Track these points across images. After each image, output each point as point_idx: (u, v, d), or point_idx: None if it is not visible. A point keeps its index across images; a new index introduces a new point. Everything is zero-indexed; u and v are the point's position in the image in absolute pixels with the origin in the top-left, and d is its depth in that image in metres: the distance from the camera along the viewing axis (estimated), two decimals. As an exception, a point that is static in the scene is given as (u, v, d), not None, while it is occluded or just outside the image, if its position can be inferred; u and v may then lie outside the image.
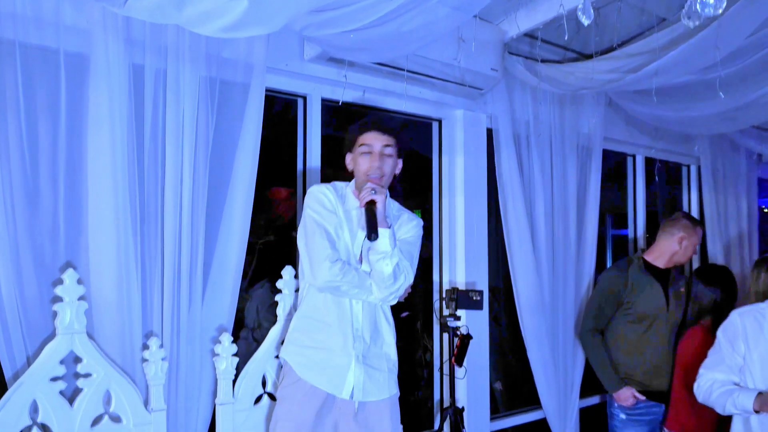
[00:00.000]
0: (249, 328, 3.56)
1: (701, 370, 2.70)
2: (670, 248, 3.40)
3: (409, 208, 2.46)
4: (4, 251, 1.94)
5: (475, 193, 3.35)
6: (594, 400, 3.91)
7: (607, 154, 4.03)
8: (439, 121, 3.39)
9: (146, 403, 2.10)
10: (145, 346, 2.13)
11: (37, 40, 2.07)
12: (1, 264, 1.94)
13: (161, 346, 2.14)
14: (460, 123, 3.35)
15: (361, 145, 2.27)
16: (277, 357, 2.38)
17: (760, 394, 2.41)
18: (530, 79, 3.31)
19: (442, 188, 3.36)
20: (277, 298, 2.42)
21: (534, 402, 3.63)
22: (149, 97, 2.25)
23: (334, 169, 2.67)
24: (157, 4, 1.80)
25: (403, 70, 2.89)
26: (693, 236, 3.44)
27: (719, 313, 3.08)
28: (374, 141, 2.26)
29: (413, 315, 4.02)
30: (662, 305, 3.29)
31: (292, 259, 2.61)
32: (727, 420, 2.98)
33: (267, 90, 2.58)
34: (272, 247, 3.76)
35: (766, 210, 6.66)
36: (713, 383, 2.60)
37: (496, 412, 3.62)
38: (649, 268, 3.38)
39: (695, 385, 2.70)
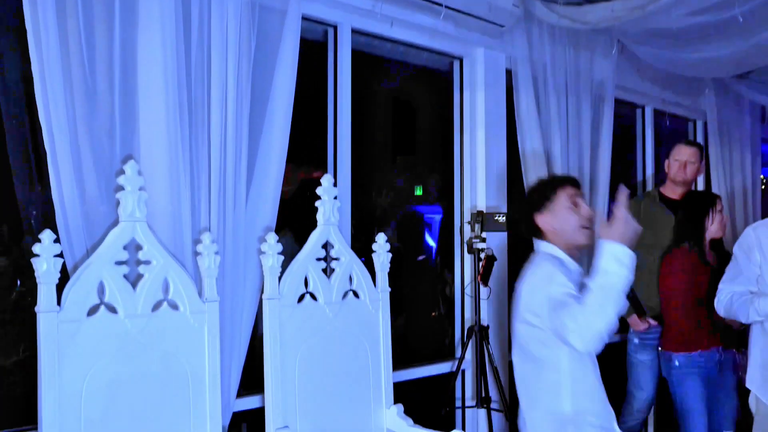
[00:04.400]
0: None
1: (720, 285, 2.84)
2: (668, 173, 3.56)
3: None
4: (64, 149, 2.04)
5: (495, 127, 3.50)
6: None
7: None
8: (461, 60, 3.52)
9: (200, 294, 2.23)
10: (197, 241, 2.25)
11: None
12: (62, 161, 2.04)
13: (213, 240, 2.26)
14: (480, 61, 3.49)
15: (569, 197, 2.22)
16: (322, 259, 2.54)
17: None
18: (549, 16, 3.44)
19: (463, 122, 3.50)
20: (317, 204, 2.54)
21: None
22: (195, 11, 2.36)
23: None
24: None
25: (430, 1, 3.02)
26: (674, 153, 3.59)
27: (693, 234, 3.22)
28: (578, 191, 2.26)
29: (427, 256, 4.15)
30: (670, 234, 3.41)
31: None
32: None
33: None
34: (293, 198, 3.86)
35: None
36: (732, 295, 2.74)
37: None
38: (664, 200, 3.52)
39: (715, 300, 2.85)
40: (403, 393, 3.03)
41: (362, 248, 2.85)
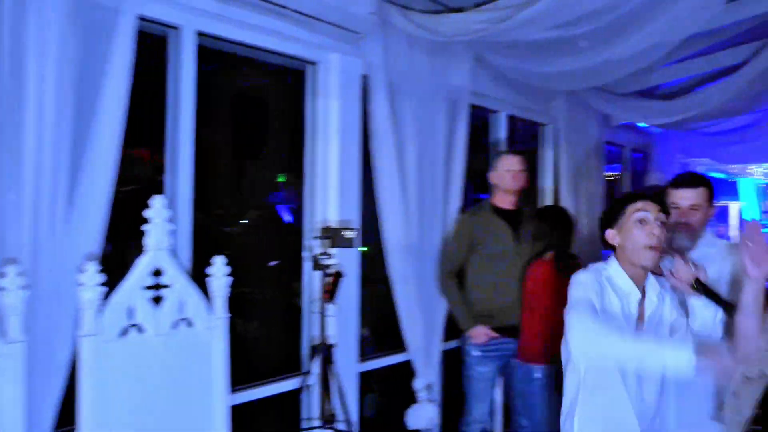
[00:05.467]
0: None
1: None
2: (498, 184, 3.65)
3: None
4: None
5: (349, 137, 3.40)
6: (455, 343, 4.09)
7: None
8: (314, 64, 3.39)
9: (3, 333, 1.98)
10: (1, 274, 2.00)
11: None
12: None
13: (20, 273, 2.02)
14: (336, 67, 3.37)
15: (637, 213, 2.12)
16: (153, 287, 2.35)
17: None
18: (406, 25, 3.38)
19: (316, 131, 3.38)
20: (146, 227, 2.35)
21: (400, 345, 3.75)
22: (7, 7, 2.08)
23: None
24: None
25: (282, 6, 2.88)
26: (503, 164, 3.68)
27: (557, 247, 3.38)
28: (651, 208, 2.14)
29: (282, 262, 4.05)
30: (511, 244, 3.53)
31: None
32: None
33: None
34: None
35: (611, 176, 7.21)
36: None
37: (363, 355, 3.72)
38: (499, 211, 3.62)
39: None
40: (249, 409, 2.94)
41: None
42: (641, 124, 6.60)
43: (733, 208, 10.89)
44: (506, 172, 3.64)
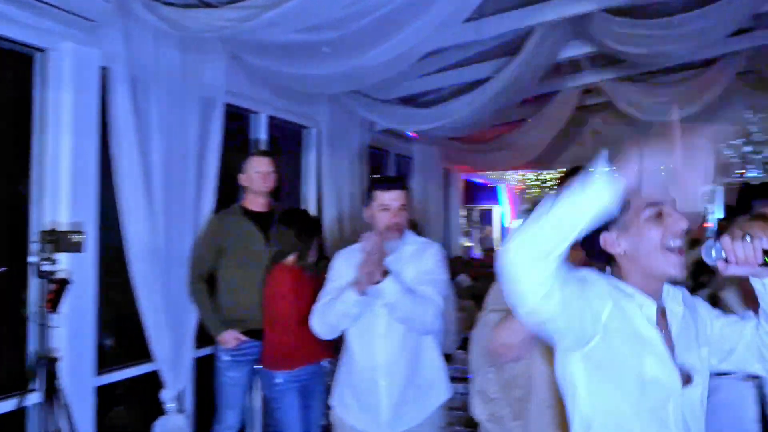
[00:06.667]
0: None
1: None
2: (249, 186, 3.62)
3: None
4: None
5: (84, 132, 3.14)
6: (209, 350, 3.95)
7: (229, 119, 4.05)
8: (43, 51, 3.09)
9: None
10: None
11: None
12: None
13: None
14: (68, 56, 3.10)
15: (649, 205, 1.53)
16: None
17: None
18: (148, 16, 3.19)
19: (45, 124, 3.08)
20: None
21: (147, 355, 3.53)
22: None
23: None
24: None
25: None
26: (253, 165, 3.67)
27: (299, 250, 3.36)
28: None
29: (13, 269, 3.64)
30: (261, 247, 3.47)
31: None
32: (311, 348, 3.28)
33: None
34: None
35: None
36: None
37: (106, 366, 3.46)
38: (249, 214, 3.57)
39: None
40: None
41: None
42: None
43: (496, 211, 12.04)
44: (255, 173, 3.60)
